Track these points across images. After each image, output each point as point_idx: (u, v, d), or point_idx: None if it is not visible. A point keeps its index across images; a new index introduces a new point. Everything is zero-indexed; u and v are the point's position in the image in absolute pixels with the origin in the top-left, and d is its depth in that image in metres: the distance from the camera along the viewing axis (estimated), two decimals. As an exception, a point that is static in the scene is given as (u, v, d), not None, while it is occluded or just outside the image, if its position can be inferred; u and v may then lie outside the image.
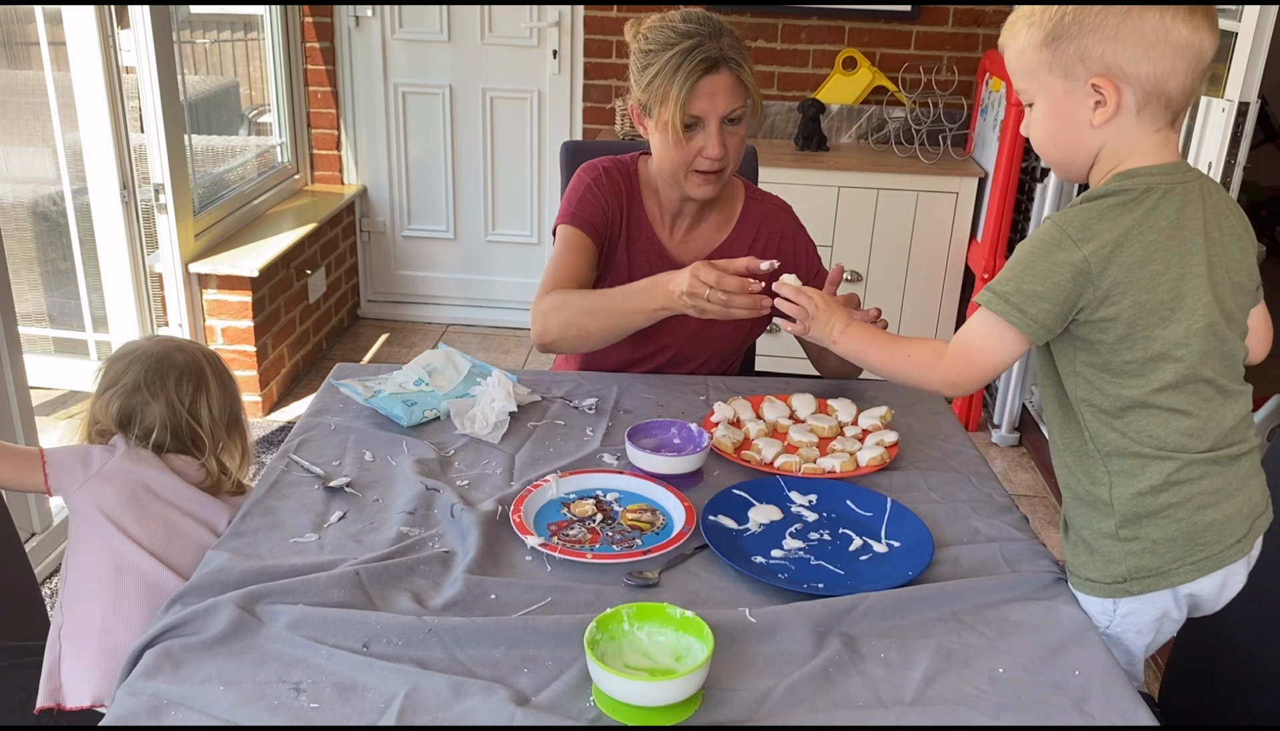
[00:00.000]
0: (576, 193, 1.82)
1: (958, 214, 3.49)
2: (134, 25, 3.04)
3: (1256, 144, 3.65)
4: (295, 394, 3.63)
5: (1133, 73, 1.12)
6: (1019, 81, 1.21)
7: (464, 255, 4.28)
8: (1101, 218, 1.14)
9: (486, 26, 3.95)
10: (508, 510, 1.37)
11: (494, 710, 1.02)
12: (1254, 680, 1.36)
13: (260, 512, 1.38)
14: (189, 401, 1.54)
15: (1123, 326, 1.15)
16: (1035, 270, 1.15)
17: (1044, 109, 1.19)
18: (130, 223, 3.13)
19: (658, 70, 1.64)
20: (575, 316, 1.68)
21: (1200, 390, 1.19)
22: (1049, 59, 1.15)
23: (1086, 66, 1.13)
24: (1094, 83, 1.13)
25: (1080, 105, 1.15)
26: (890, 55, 3.80)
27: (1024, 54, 1.18)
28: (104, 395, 1.54)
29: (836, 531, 1.38)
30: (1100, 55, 1.12)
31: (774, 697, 1.07)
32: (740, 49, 1.67)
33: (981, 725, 1.04)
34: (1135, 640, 1.26)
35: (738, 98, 1.66)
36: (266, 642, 1.12)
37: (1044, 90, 1.18)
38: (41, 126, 3.11)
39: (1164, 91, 1.13)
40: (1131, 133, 1.16)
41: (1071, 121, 1.17)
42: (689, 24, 1.65)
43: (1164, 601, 1.23)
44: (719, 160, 1.68)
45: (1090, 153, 1.19)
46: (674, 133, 1.65)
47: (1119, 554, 1.21)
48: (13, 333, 2.44)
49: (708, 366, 1.89)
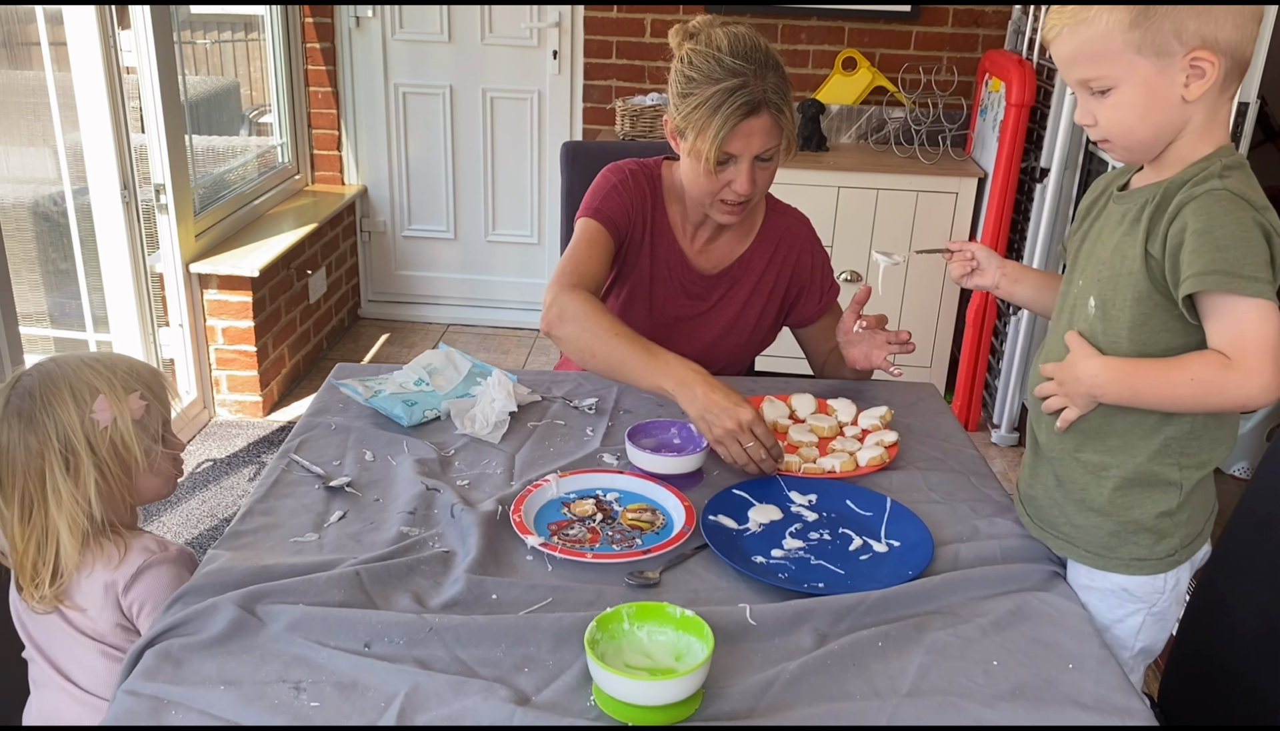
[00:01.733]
0: (602, 190, 1.81)
1: (957, 214, 3.49)
2: (134, 25, 3.04)
3: (1256, 144, 3.65)
4: (295, 394, 3.63)
5: (1225, 41, 1.11)
6: (1094, 69, 1.16)
7: (464, 255, 4.29)
8: (1250, 183, 1.13)
9: (487, 27, 3.95)
10: (508, 510, 1.37)
11: (494, 709, 1.02)
12: (1254, 680, 1.36)
13: (260, 512, 1.38)
14: None
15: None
16: (1241, 242, 1.09)
17: (1131, 92, 1.15)
18: (131, 223, 3.13)
19: (698, 102, 1.61)
20: (588, 340, 1.61)
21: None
22: (1139, 40, 1.12)
23: (1183, 41, 1.11)
24: (1193, 58, 1.11)
25: (1172, 81, 1.13)
26: (890, 55, 3.80)
27: (1108, 37, 1.13)
28: None
29: (836, 531, 1.38)
30: (1196, 29, 1.10)
31: (773, 691, 1.07)
32: (784, 88, 1.64)
33: (976, 720, 1.05)
34: (1176, 613, 1.30)
35: (773, 138, 1.65)
36: (267, 642, 1.12)
37: (1131, 72, 1.14)
38: (42, 126, 3.11)
39: (1244, 57, 1.14)
40: (1215, 102, 1.15)
41: (1163, 99, 1.14)
42: (736, 59, 1.60)
43: (1191, 566, 1.28)
44: (747, 196, 1.68)
45: (1178, 128, 1.16)
46: (706, 165, 1.65)
47: (1170, 527, 1.24)
48: (13, 332, 2.44)
49: (722, 373, 1.89)
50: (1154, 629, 1.30)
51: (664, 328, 1.86)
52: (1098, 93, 1.17)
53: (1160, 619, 1.29)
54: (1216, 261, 1.09)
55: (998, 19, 3.74)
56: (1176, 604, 1.29)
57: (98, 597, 1.29)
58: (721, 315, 1.87)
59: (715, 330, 1.87)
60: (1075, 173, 3.11)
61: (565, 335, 1.64)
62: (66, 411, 1.26)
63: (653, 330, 1.83)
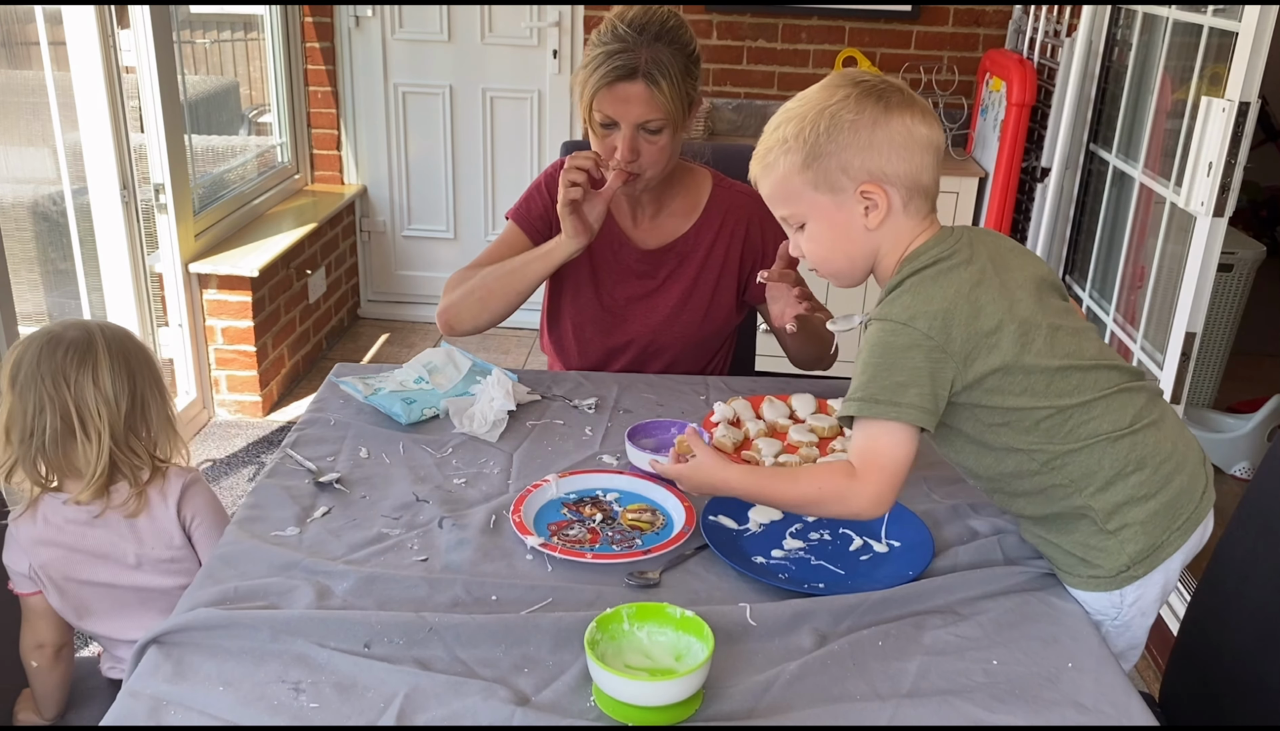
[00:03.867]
0: (528, 191, 1.90)
1: (958, 214, 3.49)
2: (134, 25, 3.04)
3: (1256, 144, 3.65)
4: (295, 394, 3.63)
5: (893, 173, 1.20)
6: (785, 208, 1.26)
7: (464, 255, 4.27)
8: (915, 296, 1.18)
9: (486, 26, 3.95)
10: (500, 518, 1.37)
11: (494, 710, 1.02)
12: (1254, 680, 1.36)
13: (249, 506, 1.39)
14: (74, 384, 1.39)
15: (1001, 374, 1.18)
16: (889, 367, 1.17)
17: (818, 226, 1.24)
18: (130, 222, 3.13)
19: (586, 63, 1.68)
20: (477, 282, 1.80)
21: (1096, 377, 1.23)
22: (813, 179, 1.21)
23: (851, 177, 1.20)
24: (862, 190, 1.20)
25: (852, 213, 1.22)
26: (890, 55, 3.80)
27: (787, 179, 1.23)
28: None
29: (836, 531, 1.38)
30: (861, 164, 1.19)
31: (773, 691, 1.07)
32: (671, 64, 1.65)
33: (976, 720, 1.04)
34: (1143, 623, 1.29)
35: (651, 110, 1.66)
36: (266, 643, 1.12)
37: (813, 208, 1.23)
38: (41, 126, 3.11)
39: (921, 184, 1.22)
40: (904, 226, 1.23)
41: (847, 230, 1.23)
42: (630, 27, 1.66)
43: (1164, 573, 1.26)
44: (627, 163, 1.70)
45: (871, 254, 1.25)
46: (591, 127, 1.71)
47: (1113, 546, 1.24)
48: (13, 333, 2.44)
49: (685, 357, 1.90)
50: (1119, 639, 1.30)
51: (616, 311, 1.88)
52: (797, 228, 1.27)
53: (1125, 629, 1.29)
54: (855, 389, 1.19)
55: (998, 18, 3.74)
56: (1142, 615, 1.29)
57: (151, 519, 1.44)
58: (672, 291, 1.87)
59: (668, 307, 1.87)
60: (1076, 172, 3.11)
61: (452, 305, 1.82)
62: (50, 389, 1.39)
63: (604, 314, 1.88)
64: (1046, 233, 3.18)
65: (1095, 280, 2.99)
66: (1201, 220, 2.22)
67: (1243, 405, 3.23)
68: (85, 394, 1.38)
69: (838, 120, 1.18)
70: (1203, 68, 2.39)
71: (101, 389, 1.39)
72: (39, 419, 1.37)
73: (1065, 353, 1.21)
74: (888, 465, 1.18)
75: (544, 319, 1.99)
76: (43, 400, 1.37)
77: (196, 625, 1.13)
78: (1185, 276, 2.28)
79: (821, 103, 1.20)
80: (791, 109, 1.23)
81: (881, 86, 1.20)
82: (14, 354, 1.40)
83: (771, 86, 3.85)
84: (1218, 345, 3.29)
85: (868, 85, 1.20)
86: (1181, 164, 2.32)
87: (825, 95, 1.21)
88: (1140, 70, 2.78)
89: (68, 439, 1.39)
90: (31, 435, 1.38)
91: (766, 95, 3.86)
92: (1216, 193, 2.16)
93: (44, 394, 1.37)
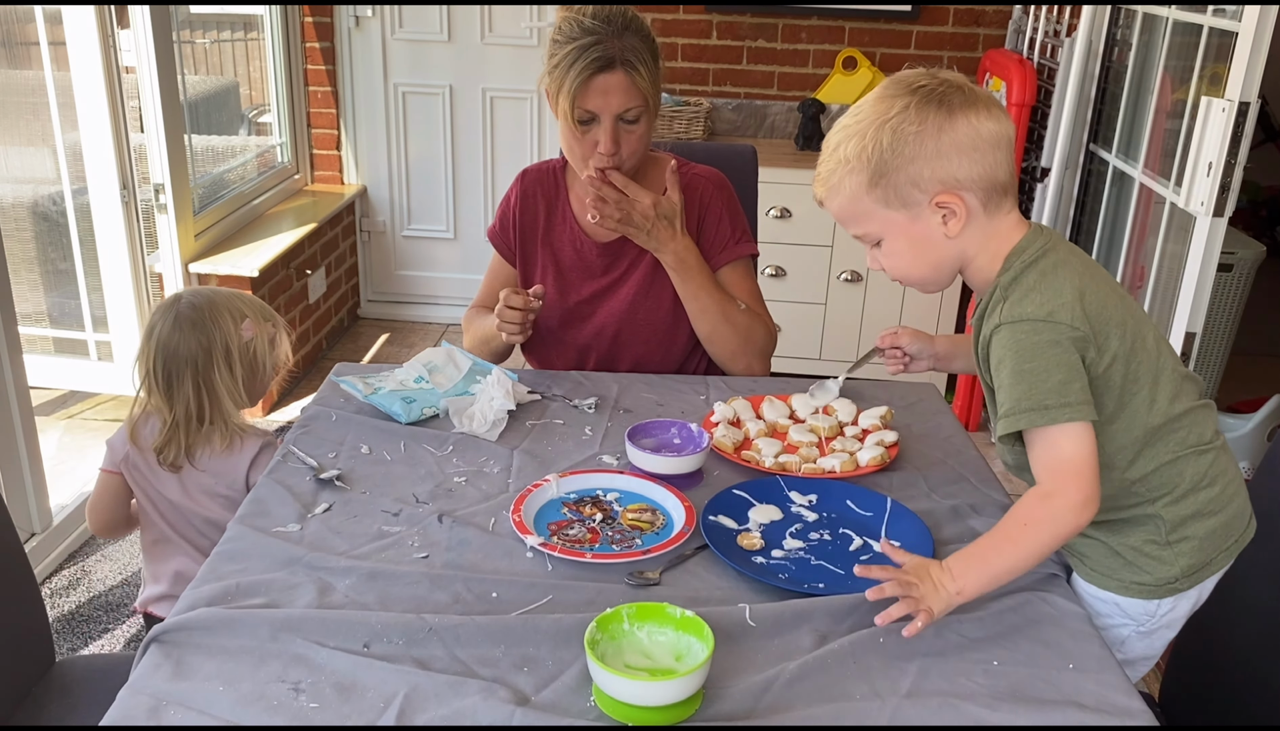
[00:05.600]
0: (500, 209, 1.95)
1: (958, 214, 3.49)
2: (134, 25, 3.04)
3: (1256, 144, 3.65)
4: (295, 394, 3.63)
5: (966, 178, 1.16)
6: (858, 227, 1.23)
7: (464, 255, 4.28)
8: (1043, 291, 1.15)
9: (486, 26, 3.95)
10: (500, 517, 1.37)
11: (494, 710, 1.02)
12: (1254, 680, 1.36)
13: (251, 502, 1.40)
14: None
15: (1121, 363, 1.17)
16: (1045, 369, 1.12)
17: (895, 242, 1.21)
18: (130, 223, 3.13)
19: (558, 61, 1.67)
20: (475, 343, 1.94)
21: (1187, 387, 1.23)
22: (882, 196, 1.17)
23: (923, 189, 1.16)
24: (937, 201, 1.17)
25: (930, 224, 1.18)
26: (890, 55, 3.79)
27: (855, 199, 1.19)
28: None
29: (837, 531, 1.38)
30: (932, 174, 1.15)
31: (773, 691, 1.07)
32: (642, 50, 1.67)
33: (976, 720, 1.04)
34: (1166, 635, 1.29)
35: (632, 98, 1.67)
36: (266, 642, 1.12)
37: (887, 225, 1.20)
38: (41, 126, 3.11)
39: (998, 182, 1.17)
40: (987, 227, 1.19)
41: (928, 241, 1.20)
42: (595, 20, 1.67)
43: (1200, 591, 1.27)
44: (611, 156, 1.71)
45: (956, 259, 1.22)
46: (570, 124, 1.70)
47: (1170, 557, 1.23)
48: (13, 332, 2.44)
49: (656, 347, 1.89)
50: (1139, 645, 1.30)
51: (579, 308, 1.89)
52: (873, 245, 1.24)
53: (1147, 637, 1.29)
54: (1020, 400, 1.12)
55: (998, 18, 3.74)
56: (1168, 628, 1.29)
57: (225, 466, 1.73)
58: (634, 280, 1.87)
59: (629, 296, 1.86)
60: (1076, 172, 3.11)
61: (470, 350, 1.89)
62: (225, 324, 1.73)
63: (569, 315, 1.89)
64: (1046, 233, 3.17)
65: (1095, 280, 2.99)
66: (1201, 220, 2.22)
67: (1243, 405, 3.23)
68: (180, 349, 1.71)
69: (900, 133, 1.14)
70: (1203, 68, 2.39)
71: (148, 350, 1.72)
72: (152, 365, 1.72)
73: (1168, 352, 1.20)
74: (1082, 467, 1.12)
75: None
76: (149, 351, 1.72)
77: (196, 624, 1.13)
78: (1185, 276, 2.28)
79: (881, 116, 1.15)
80: (849, 125, 1.18)
81: (941, 89, 1.15)
82: (153, 314, 1.77)
83: (771, 86, 3.85)
84: (1218, 345, 3.29)
85: (926, 90, 1.15)
86: (1181, 164, 2.32)
87: (884, 107, 1.16)
88: (1140, 70, 2.78)
89: (170, 383, 1.71)
90: (149, 375, 1.73)
91: (766, 95, 3.86)
92: (1216, 193, 2.16)
93: (149, 348, 1.72)
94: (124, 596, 2.47)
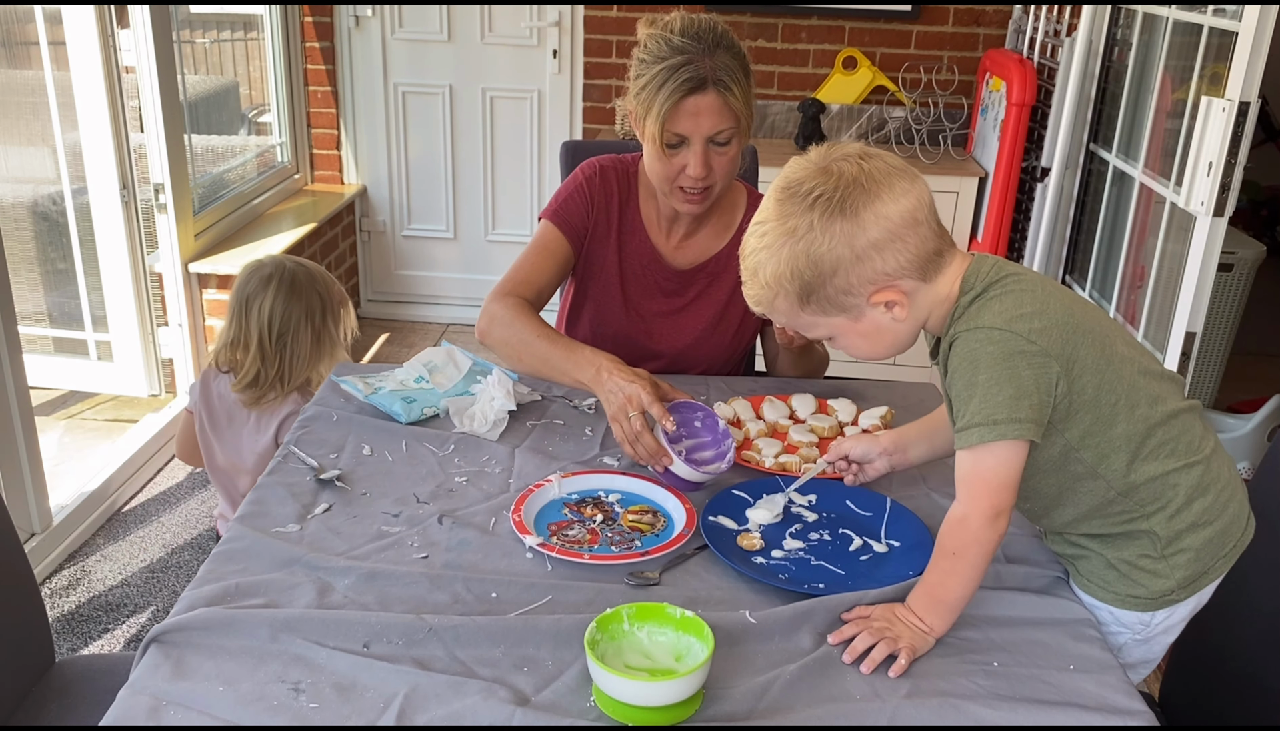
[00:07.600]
0: (567, 189, 1.82)
1: (958, 214, 3.49)
2: (134, 25, 3.04)
3: (1257, 144, 3.65)
4: (295, 394, 3.62)
5: (895, 268, 1.12)
6: (811, 333, 1.20)
7: (464, 255, 4.28)
8: (1002, 301, 1.12)
9: (486, 26, 3.95)
10: (501, 517, 1.37)
11: (494, 710, 1.02)
12: (1254, 680, 1.36)
13: (251, 502, 1.40)
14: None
15: (1092, 373, 1.14)
16: (995, 380, 1.10)
17: (847, 338, 1.19)
18: (130, 222, 3.13)
19: (646, 82, 1.60)
20: (515, 343, 1.65)
21: (1168, 387, 1.21)
22: (819, 308, 1.15)
23: (856, 294, 1.13)
24: (872, 300, 1.14)
25: (875, 316, 1.16)
26: (890, 55, 3.79)
27: (793, 316, 1.17)
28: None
29: (836, 531, 1.38)
30: (859, 278, 1.12)
31: (773, 692, 1.07)
32: (735, 68, 1.60)
33: (976, 720, 1.04)
34: (1164, 640, 1.29)
35: (725, 120, 1.60)
36: (266, 642, 1.12)
37: (833, 328, 1.18)
38: (41, 126, 3.11)
39: (927, 253, 1.13)
40: (934, 290, 1.16)
41: (878, 331, 1.17)
42: (685, 38, 1.59)
43: (1198, 599, 1.26)
44: (701, 180, 1.65)
45: (914, 330, 1.19)
46: (658, 147, 1.63)
47: (1166, 569, 1.22)
48: (13, 332, 2.44)
49: (711, 374, 1.88)
50: (1137, 651, 1.29)
51: (640, 323, 1.85)
52: (827, 340, 1.21)
53: (1145, 644, 1.28)
54: (975, 414, 1.10)
55: (998, 18, 3.74)
56: (1166, 633, 1.28)
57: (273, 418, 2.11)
58: (703, 312, 1.85)
59: (699, 327, 1.85)
60: (1076, 172, 3.11)
61: (495, 341, 1.68)
62: (333, 286, 2.16)
63: (629, 327, 1.84)
64: (1046, 232, 3.18)
65: (1095, 280, 2.99)
66: (1201, 220, 2.21)
67: (1243, 405, 3.23)
68: (252, 317, 2.08)
69: (813, 254, 1.10)
70: (1203, 67, 2.39)
71: (263, 314, 2.07)
72: (228, 328, 2.10)
73: (1143, 356, 1.19)
74: (998, 483, 1.11)
75: (561, 318, 1.98)
76: (231, 315, 2.10)
77: (196, 624, 1.13)
78: (1185, 276, 2.28)
79: (788, 236, 1.11)
80: (758, 247, 1.14)
81: (840, 194, 1.10)
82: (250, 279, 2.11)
83: (771, 86, 3.85)
84: (1218, 345, 3.29)
85: (825, 201, 1.10)
86: (1181, 164, 2.32)
87: (790, 228, 1.11)
88: (1140, 70, 2.78)
89: (238, 344, 2.09)
90: (228, 334, 2.10)
91: (767, 95, 3.86)
92: (1216, 192, 2.16)
93: (231, 311, 2.10)
94: (124, 596, 2.47)
